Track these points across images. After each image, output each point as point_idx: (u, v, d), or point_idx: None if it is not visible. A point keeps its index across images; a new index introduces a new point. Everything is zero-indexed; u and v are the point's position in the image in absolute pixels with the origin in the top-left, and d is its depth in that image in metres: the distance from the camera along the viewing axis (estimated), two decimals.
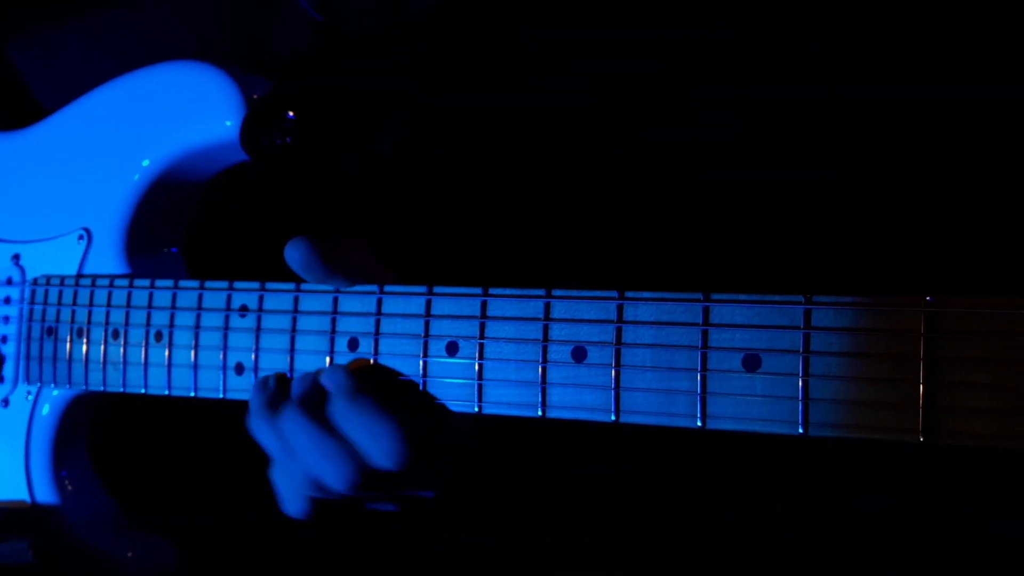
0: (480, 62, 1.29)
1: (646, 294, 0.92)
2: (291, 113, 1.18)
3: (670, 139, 1.26)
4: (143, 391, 1.21)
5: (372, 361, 1.05)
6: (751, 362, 0.87)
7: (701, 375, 0.89)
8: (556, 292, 0.96)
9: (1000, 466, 1.09)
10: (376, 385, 1.01)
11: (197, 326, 1.16)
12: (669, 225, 1.25)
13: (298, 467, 1.03)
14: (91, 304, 1.26)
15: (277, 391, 1.07)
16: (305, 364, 1.09)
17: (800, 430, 0.86)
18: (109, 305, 1.24)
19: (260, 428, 1.06)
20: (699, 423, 0.89)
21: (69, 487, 1.33)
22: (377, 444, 0.98)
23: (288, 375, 1.10)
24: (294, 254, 1.04)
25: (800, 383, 0.85)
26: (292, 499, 1.06)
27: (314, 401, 1.02)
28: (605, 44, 1.26)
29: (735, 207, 1.24)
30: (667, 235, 1.25)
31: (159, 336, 1.19)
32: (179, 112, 1.23)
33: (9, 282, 1.36)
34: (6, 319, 1.35)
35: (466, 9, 1.29)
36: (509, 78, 1.28)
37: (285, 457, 1.04)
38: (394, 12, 1.31)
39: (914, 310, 0.81)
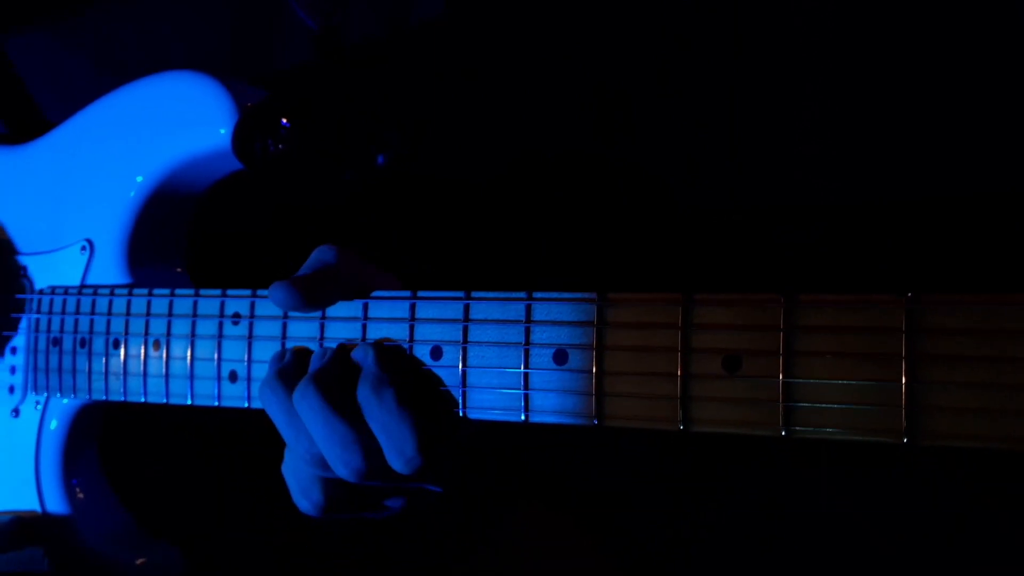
0: (478, 73, 1.28)
1: (625, 295, 0.90)
2: (285, 120, 1.18)
3: (663, 140, 1.24)
4: (143, 400, 1.21)
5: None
6: (731, 363, 0.85)
7: (681, 378, 0.86)
8: (537, 294, 0.94)
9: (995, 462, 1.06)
10: (402, 377, 0.98)
11: (192, 334, 1.16)
12: (664, 224, 1.24)
13: (306, 447, 1.00)
14: (93, 314, 1.27)
15: (294, 365, 1.04)
16: None
17: (783, 432, 0.83)
18: (110, 315, 1.25)
19: (270, 400, 1.02)
20: (681, 427, 0.87)
21: (80, 495, 1.34)
22: (396, 443, 0.96)
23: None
24: (278, 297, 1.03)
25: (780, 384, 0.82)
26: (302, 490, 1.03)
27: (331, 382, 0.99)
28: (599, 52, 1.25)
29: (728, 206, 1.22)
30: (662, 234, 1.24)
31: (157, 345, 1.20)
32: (173, 122, 1.24)
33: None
34: (16, 330, 1.37)
35: (465, 23, 1.29)
36: (507, 88, 1.28)
37: (293, 435, 1.01)
38: (396, 25, 1.31)
39: (895, 307, 0.78)
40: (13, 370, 1.37)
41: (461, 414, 0.98)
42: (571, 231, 1.27)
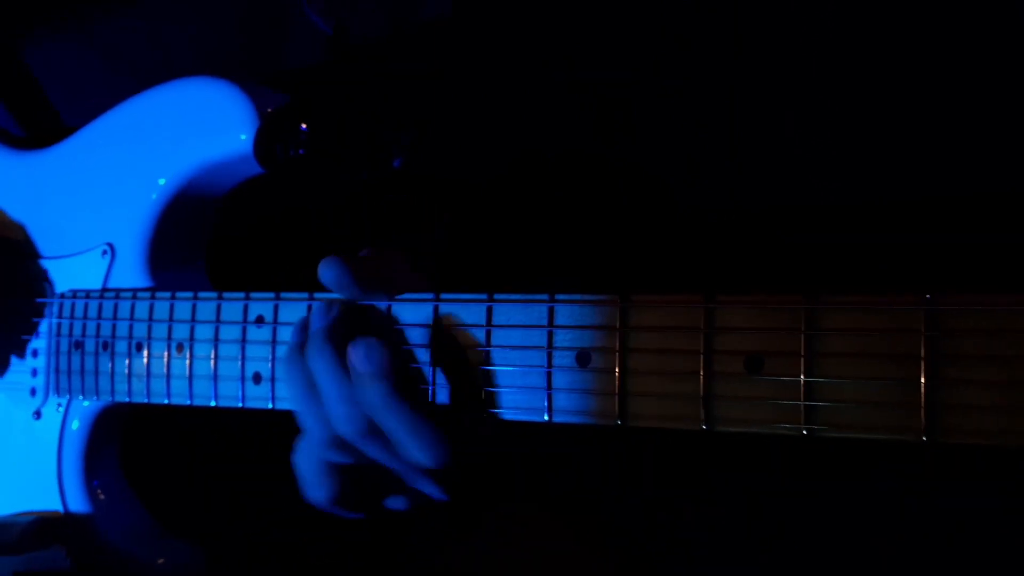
0: (486, 72, 1.30)
1: (648, 296, 0.92)
2: (304, 125, 1.19)
3: (663, 140, 1.26)
4: (167, 401, 1.23)
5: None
6: (753, 363, 0.87)
7: (704, 378, 0.88)
8: (559, 296, 0.96)
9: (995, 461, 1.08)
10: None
11: (216, 337, 1.18)
12: (664, 224, 1.25)
13: (321, 421, 0.98)
14: (115, 318, 1.28)
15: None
16: None
17: (804, 431, 0.85)
18: (132, 318, 1.27)
19: (290, 368, 1.00)
20: (704, 426, 0.89)
21: (101, 496, 1.36)
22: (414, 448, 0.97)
23: None
24: (327, 274, 1.00)
25: (801, 383, 0.84)
26: (313, 478, 1.02)
27: (339, 333, 0.98)
28: (599, 52, 1.27)
29: (728, 206, 1.24)
30: (662, 234, 1.25)
31: (180, 348, 1.21)
32: (194, 128, 1.25)
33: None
34: (36, 333, 1.39)
35: (465, 24, 1.31)
36: (507, 87, 1.29)
37: (306, 407, 0.99)
38: (403, 26, 1.33)
39: (914, 308, 0.80)
40: (35, 373, 1.39)
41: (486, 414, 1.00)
42: (571, 231, 1.28)
